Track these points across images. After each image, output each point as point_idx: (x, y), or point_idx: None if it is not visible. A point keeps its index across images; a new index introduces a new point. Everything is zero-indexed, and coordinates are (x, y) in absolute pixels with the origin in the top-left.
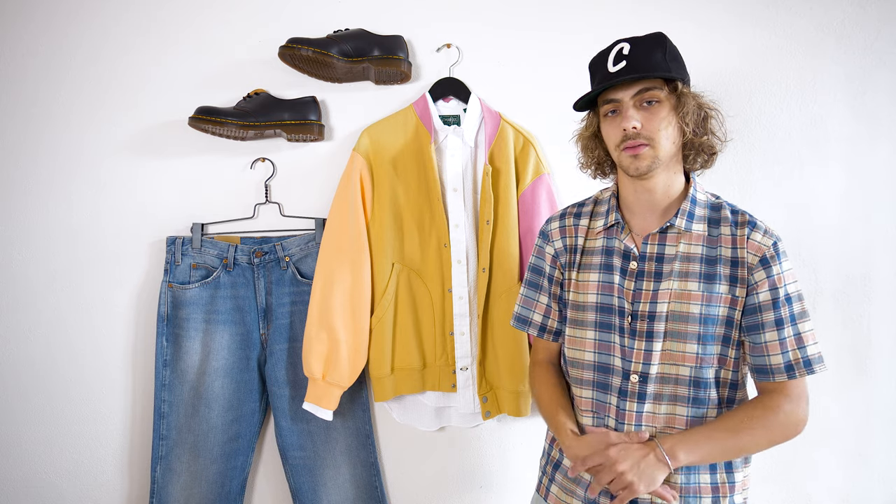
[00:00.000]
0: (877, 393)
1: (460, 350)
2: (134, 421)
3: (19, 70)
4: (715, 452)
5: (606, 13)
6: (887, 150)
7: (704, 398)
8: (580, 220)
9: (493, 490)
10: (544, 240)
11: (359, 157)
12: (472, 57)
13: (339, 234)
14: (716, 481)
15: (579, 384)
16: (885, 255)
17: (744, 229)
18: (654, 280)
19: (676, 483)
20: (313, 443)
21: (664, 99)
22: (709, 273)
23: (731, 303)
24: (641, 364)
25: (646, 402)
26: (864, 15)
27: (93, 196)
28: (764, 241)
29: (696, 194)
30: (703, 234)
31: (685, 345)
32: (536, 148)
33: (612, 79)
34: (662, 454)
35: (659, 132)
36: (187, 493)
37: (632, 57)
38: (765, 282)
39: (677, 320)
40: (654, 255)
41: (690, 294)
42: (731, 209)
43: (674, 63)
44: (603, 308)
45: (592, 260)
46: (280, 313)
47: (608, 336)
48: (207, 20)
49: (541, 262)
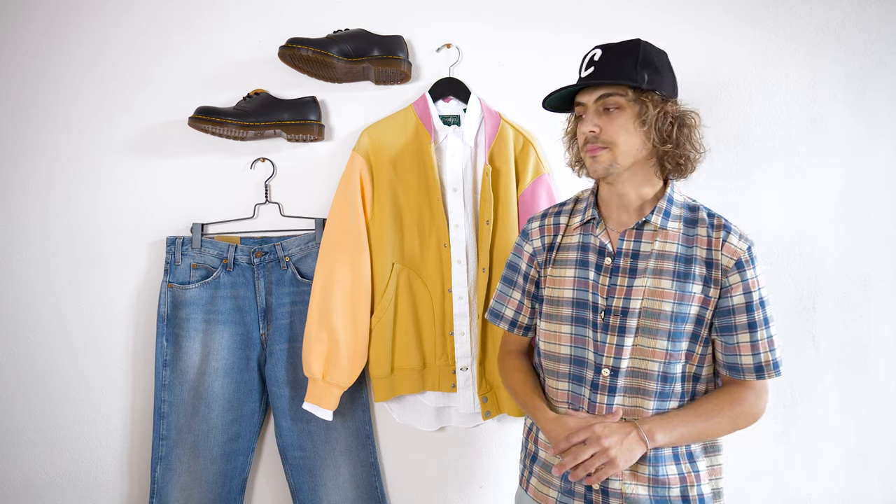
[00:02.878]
0: (877, 393)
1: (460, 350)
2: (134, 421)
3: (19, 70)
4: (688, 435)
5: (606, 14)
6: (887, 150)
7: (669, 392)
8: (559, 217)
9: (493, 490)
10: (524, 238)
11: (359, 157)
12: (472, 57)
13: (339, 234)
14: (682, 471)
15: (555, 377)
16: (885, 255)
17: (719, 232)
18: (628, 276)
19: (645, 474)
20: (313, 443)
21: (625, 105)
22: (683, 272)
23: (703, 302)
24: (613, 358)
25: (616, 395)
26: (864, 15)
27: (92, 196)
28: (739, 245)
29: (673, 195)
30: (678, 231)
31: (656, 341)
32: (536, 148)
33: (580, 82)
34: (642, 433)
35: (617, 137)
36: (187, 493)
37: (600, 64)
38: (739, 285)
39: (649, 317)
40: (630, 251)
41: (664, 292)
42: (708, 212)
43: (647, 70)
44: (579, 303)
45: (568, 256)
46: (280, 313)
47: (583, 330)
48: (207, 20)
49: (517, 260)
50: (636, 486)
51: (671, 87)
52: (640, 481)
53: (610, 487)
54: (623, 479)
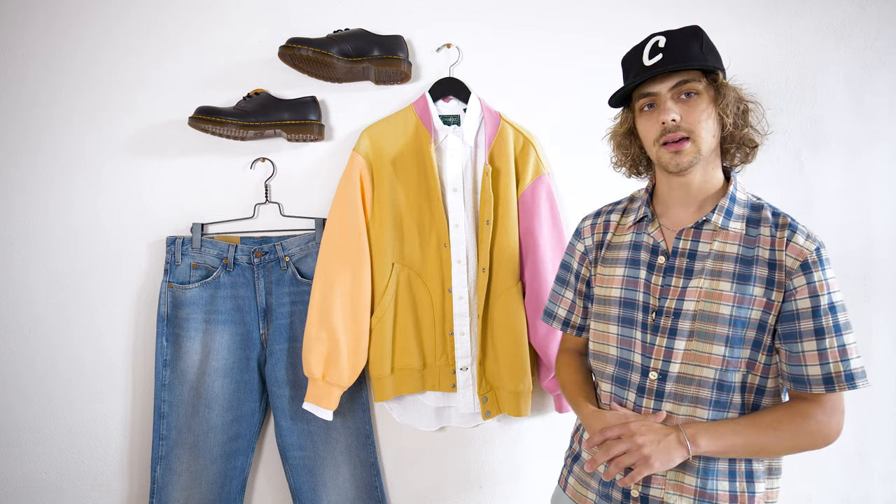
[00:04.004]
0: (877, 393)
1: (460, 350)
2: (134, 421)
3: (20, 71)
4: (737, 446)
5: (606, 14)
6: (887, 150)
7: (727, 402)
8: (611, 215)
9: (493, 490)
10: (576, 237)
11: (359, 158)
12: (472, 57)
13: (339, 234)
14: (734, 489)
15: (602, 377)
16: (885, 255)
17: (784, 231)
18: (683, 276)
19: (692, 486)
20: (313, 443)
21: (703, 91)
22: (743, 273)
23: (765, 306)
24: (661, 361)
25: (664, 400)
26: (864, 15)
27: (93, 196)
28: (806, 246)
29: (737, 193)
30: (740, 232)
31: (712, 346)
32: (536, 148)
33: (649, 71)
34: (684, 437)
35: (699, 124)
36: (187, 493)
37: (668, 49)
38: (804, 288)
39: (705, 320)
40: (687, 251)
41: (721, 294)
42: (773, 210)
43: (711, 55)
44: (626, 303)
45: (619, 255)
46: (280, 313)
47: (629, 331)
48: (208, 21)
49: (570, 259)
50: (679, 498)
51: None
52: (686, 493)
53: (650, 495)
54: (665, 489)
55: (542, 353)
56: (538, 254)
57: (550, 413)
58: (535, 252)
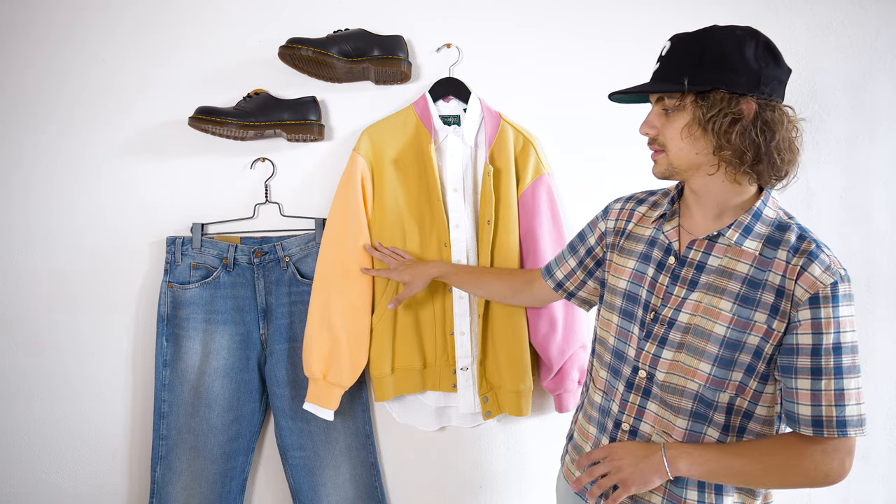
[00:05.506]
0: (877, 393)
1: (461, 350)
2: (134, 421)
3: (20, 71)
4: (719, 472)
5: (607, 13)
6: (887, 150)
7: (707, 416)
8: (640, 205)
9: (494, 490)
10: (603, 214)
11: (359, 158)
12: (472, 57)
13: (340, 234)
14: (703, 500)
15: (600, 363)
16: (885, 255)
17: (801, 259)
18: (686, 287)
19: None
20: (313, 443)
21: (688, 106)
22: (747, 296)
23: (764, 333)
24: (648, 366)
25: (650, 399)
26: (864, 15)
27: (93, 196)
28: (821, 278)
29: (764, 209)
30: (754, 252)
31: (699, 362)
32: (536, 148)
33: (630, 90)
34: (663, 459)
35: (671, 141)
36: (187, 493)
37: (665, 60)
38: (808, 323)
39: (698, 335)
40: (696, 262)
41: (720, 313)
42: (799, 234)
43: (713, 69)
44: (630, 296)
45: (635, 247)
46: (280, 313)
47: (628, 325)
48: (207, 21)
49: (588, 232)
50: (650, 493)
51: (748, 81)
52: (656, 490)
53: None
54: None
55: (543, 353)
56: (538, 254)
57: (551, 413)
58: (535, 252)
